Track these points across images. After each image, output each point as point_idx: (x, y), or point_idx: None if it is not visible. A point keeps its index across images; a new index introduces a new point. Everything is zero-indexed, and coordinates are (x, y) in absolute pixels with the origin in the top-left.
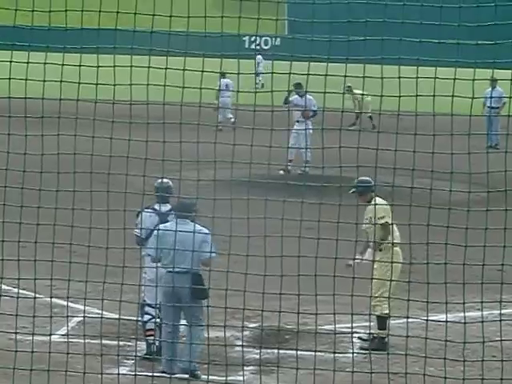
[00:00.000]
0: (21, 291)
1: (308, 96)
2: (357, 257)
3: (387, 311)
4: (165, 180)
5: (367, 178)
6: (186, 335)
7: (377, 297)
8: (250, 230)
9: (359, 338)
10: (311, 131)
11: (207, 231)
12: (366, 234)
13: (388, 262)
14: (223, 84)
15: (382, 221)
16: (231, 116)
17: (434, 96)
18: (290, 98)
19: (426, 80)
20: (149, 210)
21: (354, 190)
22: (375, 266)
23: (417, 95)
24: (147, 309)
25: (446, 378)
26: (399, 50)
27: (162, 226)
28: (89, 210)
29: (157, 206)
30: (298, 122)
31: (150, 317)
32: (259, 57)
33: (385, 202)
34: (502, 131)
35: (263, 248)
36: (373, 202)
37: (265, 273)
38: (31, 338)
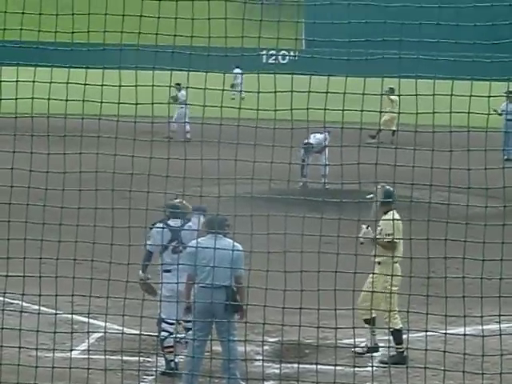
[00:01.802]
0: (41, 308)
1: (321, 135)
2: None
3: (400, 326)
4: (177, 200)
5: (392, 189)
6: (222, 352)
7: (362, 309)
8: (269, 244)
9: (356, 352)
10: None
11: (241, 247)
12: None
13: (387, 275)
14: (182, 95)
15: (389, 238)
16: (189, 129)
17: (450, 113)
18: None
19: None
20: (160, 226)
21: (371, 195)
22: (373, 280)
23: (434, 112)
24: (164, 325)
25: None
26: (416, 67)
27: (195, 242)
28: (110, 226)
29: (170, 222)
30: (318, 152)
31: (167, 333)
32: (237, 69)
33: (399, 219)
34: None
35: (283, 263)
36: (390, 215)
37: (285, 287)
38: (51, 354)
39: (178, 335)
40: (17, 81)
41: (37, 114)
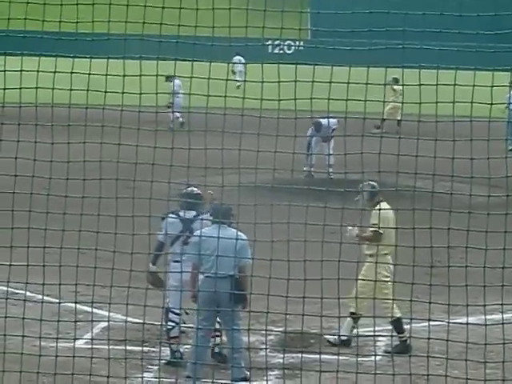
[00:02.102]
0: (45, 298)
1: (331, 120)
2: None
3: (399, 315)
4: (193, 188)
5: (372, 183)
6: (227, 341)
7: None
8: (273, 234)
9: (328, 341)
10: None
11: (245, 237)
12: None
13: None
14: (177, 85)
15: (374, 227)
16: (179, 116)
17: (453, 102)
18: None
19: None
20: (173, 216)
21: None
22: (363, 271)
23: (437, 102)
24: (171, 316)
25: (467, 379)
26: (419, 57)
27: (199, 232)
28: (114, 215)
29: (181, 213)
30: (325, 141)
31: (174, 324)
32: (237, 57)
33: (388, 210)
34: None
35: (287, 252)
36: (377, 207)
37: (288, 276)
38: (55, 344)
39: (183, 325)
40: (21, 70)
41: (41, 104)
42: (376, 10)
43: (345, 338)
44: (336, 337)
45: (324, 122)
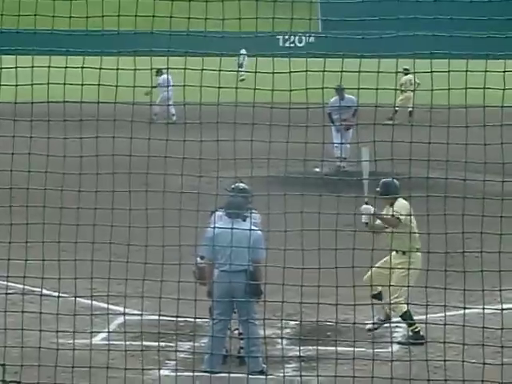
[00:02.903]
0: (61, 295)
1: (347, 96)
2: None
3: (405, 309)
4: (239, 184)
5: (390, 181)
6: (243, 334)
7: (392, 303)
8: (287, 226)
9: (368, 329)
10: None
11: (259, 231)
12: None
13: (407, 266)
14: (164, 79)
15: (400, 215)
16: (173, 112)
17: (466, 88)
18: (331, 100)
19: (459, 73)
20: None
21: (378, 189)
22: (396, 269)
23: (449, 88)
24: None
25: (484, 364)
26: (431, 45)
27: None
28: (128, 209)
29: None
30: (344, 120)
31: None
32: (243, 50)
33: (406, 205)
34: None
35: (301, 244)
36: (399, 201)
37: (303, 267)
38: (72, 340)
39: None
40: (32, 66)
41: (53, 100)
42: None
43: (382, 319)
44: (372, 322)
45: (343, 102)
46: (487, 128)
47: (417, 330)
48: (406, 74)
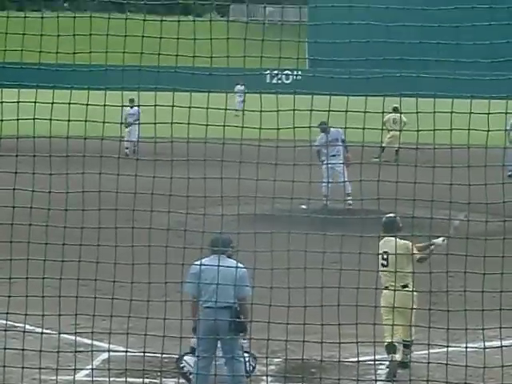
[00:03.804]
0: (44, 330)
1: (333, 129)
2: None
3: (389, 340)
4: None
5: (394, 217)
6: (228, 371)
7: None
8: (273, 264)
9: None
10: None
11: (244, 268)
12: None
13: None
14: (135, 110)
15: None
16: (135, 145)
17: (451, 129)
18: (318, 137)
19: (445, 113)
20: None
21: (382, 232)
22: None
23: (434, 129)
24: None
25: None
26: (417, 86)
27: (198, 262)
28: (114, 246)
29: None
30: (333, 156)
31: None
32: (238, 86)
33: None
34: None
35: (287, 282)
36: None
37: (288, 304)
38: (55, 377)
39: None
40: (18, 102)
41: (38, 136)
42: (374, 39)
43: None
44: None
45: (324, 140)
46: (472, 168)
47: (396, 360)
48: (395, 112)
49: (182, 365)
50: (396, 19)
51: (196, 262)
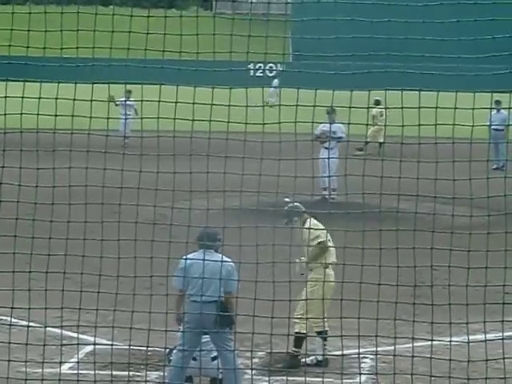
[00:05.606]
0: (30, 323)
1: (335, 124)
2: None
3: (304, 331)
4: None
5: (297, 204)
6: (221, 363)
7: (298, 317)
8: (258, 257)
9: (306, 364)
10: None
11: (232, 262)
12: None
13: (316, 281)
14: (132, 103)
15: (316, 241)
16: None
17: (436, 125)
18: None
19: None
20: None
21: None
22: (307, 288)
23: (419, 124)
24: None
25: None
26: (402, 80)
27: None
28: (99, 239)
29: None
30: (325, 148)
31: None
32: (276, 80)
33: (319, 225)
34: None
35: (272, 275)
36: (308, 223)
37: (273, 298)
38: (41, 370)
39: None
40: (5, 96)
41: (25, 130)
42: (359, 35)
43: (320, 358)
44: (313, 358)
45: (326, 128)
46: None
47: (297, 355)
48: (377, 105)
49: (171, 358)
50: (380, 14)
51: (184, 257)
